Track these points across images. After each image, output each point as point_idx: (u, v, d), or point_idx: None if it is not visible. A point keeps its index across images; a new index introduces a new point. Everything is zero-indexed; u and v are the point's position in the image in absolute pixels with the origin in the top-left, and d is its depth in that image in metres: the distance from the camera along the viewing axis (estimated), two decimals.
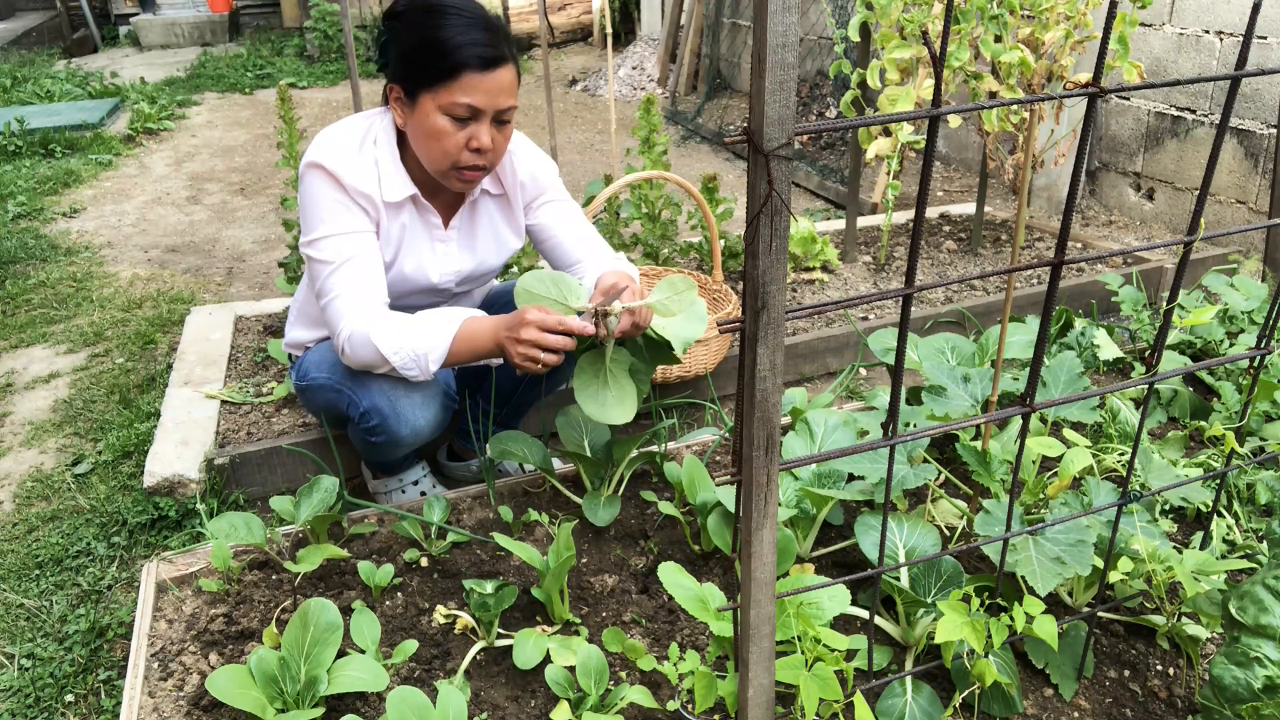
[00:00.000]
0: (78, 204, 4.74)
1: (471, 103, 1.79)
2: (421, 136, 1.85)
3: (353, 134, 1.90)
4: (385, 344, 1.80)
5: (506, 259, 2.16)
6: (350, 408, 1.95)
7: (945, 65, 1.62)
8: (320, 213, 1.85)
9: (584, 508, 1.95)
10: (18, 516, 2.30)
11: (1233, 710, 1.28)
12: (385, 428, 1.93)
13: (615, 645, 1.60)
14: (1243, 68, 1.18)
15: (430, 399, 1.95)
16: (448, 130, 1.81)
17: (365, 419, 1.93)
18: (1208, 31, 3.73)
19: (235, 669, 1.45)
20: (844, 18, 5.40)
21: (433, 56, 1.78)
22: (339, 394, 1.97)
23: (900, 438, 1.17)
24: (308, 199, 1.87)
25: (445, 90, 1.79)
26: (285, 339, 2.22)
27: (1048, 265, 1.14)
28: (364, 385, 1.91)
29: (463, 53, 1.77)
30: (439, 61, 1.78)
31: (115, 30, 10.16)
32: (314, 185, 1.85)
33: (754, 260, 0.95)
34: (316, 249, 1.86)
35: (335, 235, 1.85)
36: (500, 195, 2.07)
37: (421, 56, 1.79)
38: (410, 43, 1.80)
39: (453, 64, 1.77)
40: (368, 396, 1.91)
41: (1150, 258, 3.40)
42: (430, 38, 1.78)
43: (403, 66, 1.83)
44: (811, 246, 3.28)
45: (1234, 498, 1.97)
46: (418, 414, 1.93)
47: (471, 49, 1.77)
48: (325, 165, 1.83)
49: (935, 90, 0.98)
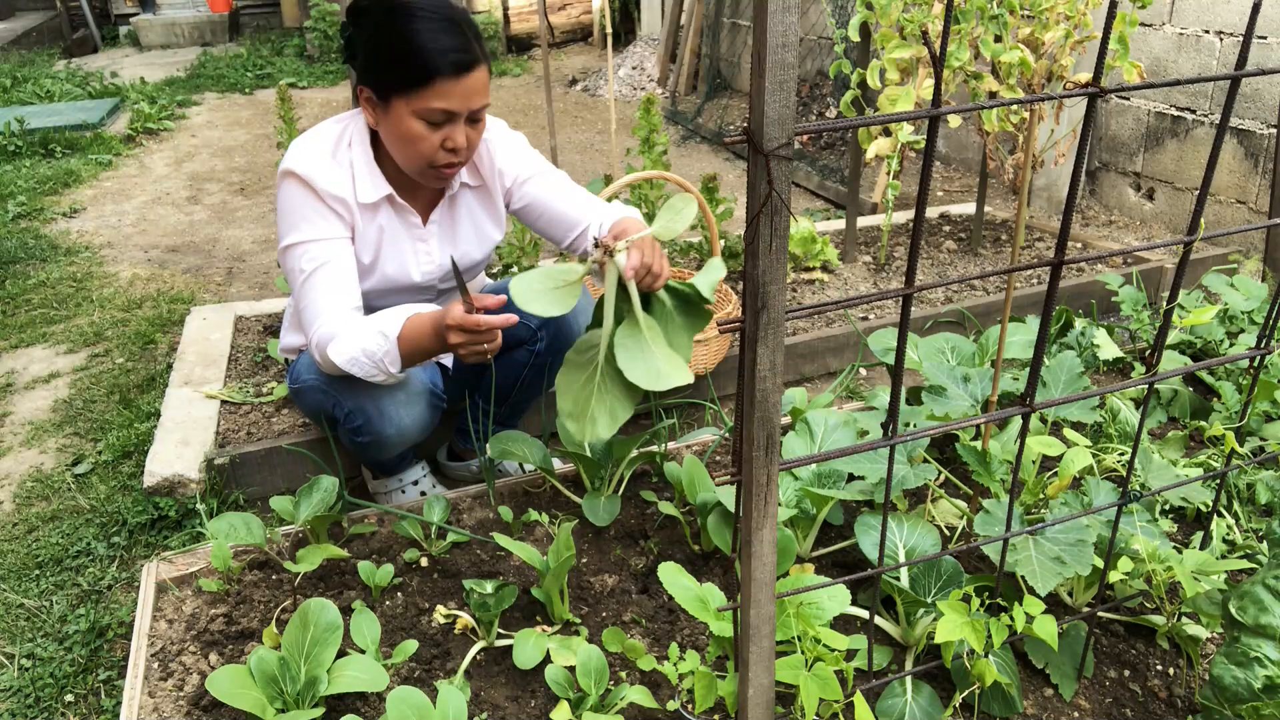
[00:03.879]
0: (78, 204, 4.74)
1: (446, 107, 1.78)
2: (396, 139, 1.83)
3: (326, 139, 1.90)
4: (340, 354, 1.79)
5: (489, 251, 2.15)
6: (336, 409, 1.97)
7: (945, 65, 1.62)
8: (294, 219, 1.86)
9: (584, 508, 1.95)
10: (18, 516, 2.30)
11: (1233, 710, 1.28)
12: (370, 428, 1.94)
13: (615, 645, 1.60)
14: (1243, 68, 1.18)
15: (414, 398, 1.95)
16: (423, 134, 1.80)
17: (350, 419, 1.95)
18: (1208, 31, 3.73)
19: (235, 669, 1.45)
20: (844, 18, 5.40)
21: (404, 63, 1.74)
22: (325, 395, 1.98)
23: (900, 438, 1.17)
24: (283, 207, 1.88)
25: (418, 96, 1.76)
26: (280, 343, 2.23)
27: (1048, 265, 1.14)
28: (349, 386, 1.92)
29: (435, 60, 1.73)
30: (411, 69, 1.74)
31: (115, 30, 10.15)
32: (288, 193, 1.86)
33: (754, 260, 0.95)
34: (289, 256, 1.87)
35: (307, 242, 1.86)
36: (479, 186, 2.07)
37: (392, 61, 1.75)
38: (379, 46, 1.77)
39: (426, 71, 1.74)
40: (352, 398, 1.92)
41: (1150, 258, 3.40)
42: (400, 44, 1.73)
43: (373, 69, 1.79)
44: (811, 246, 3.28)
45: (1234, 498, 1.97)
46: (402, 413, 1.94)
47: (444, 56, 1.74)
48: (298, 171, 1.84)
49: (935, 90, 0.98)
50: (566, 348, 1.99)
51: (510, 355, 2.18)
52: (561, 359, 1.65)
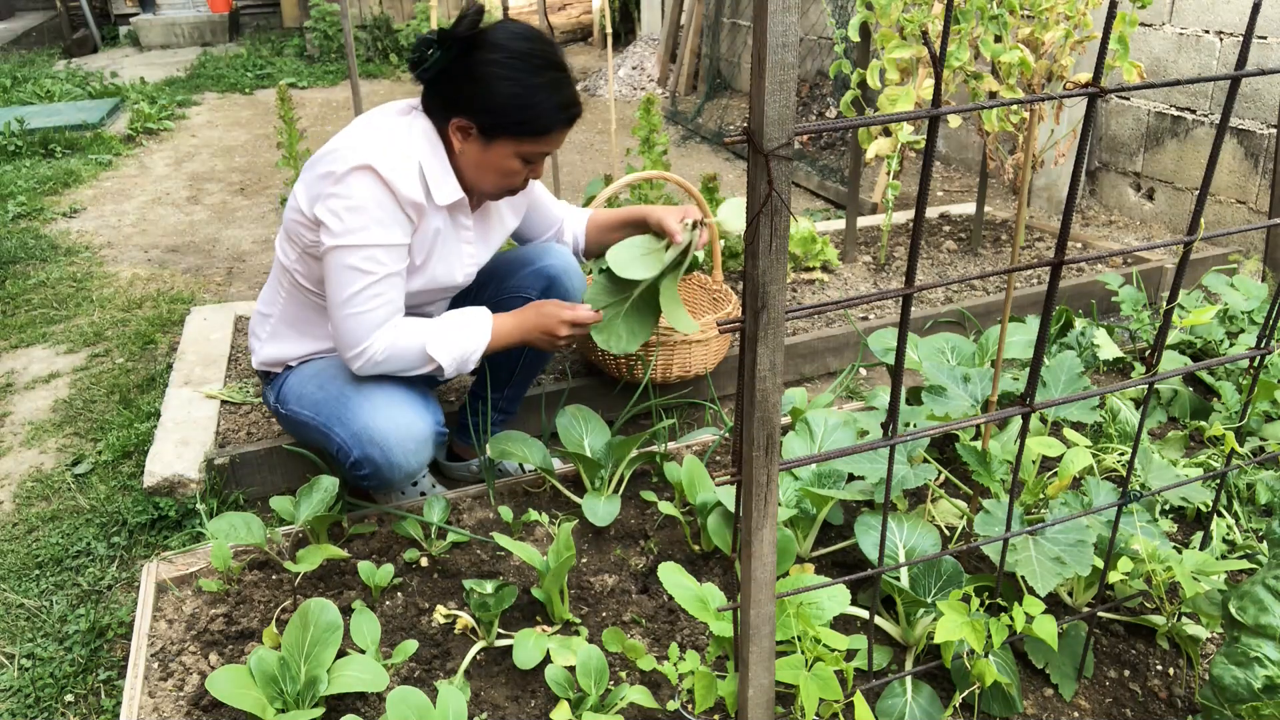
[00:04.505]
0: (78, 204, 4.74)
1: (550, 150, 1.89)
2: (487, 168, 1.87)
3: (396, 136, 1.82)
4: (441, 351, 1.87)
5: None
6: (340, 454, 1.89)
7: (945, 65, 1.62)
8: (364, 219, 1.76)
9: (584, 508, 1.95)
10: (18, 516, 2.30)
11: (1233, 710, 1.28)
12: (378, 475, 1.88)
13: (615, 645, 1.60)
14: (1243, 68, 1.18)
15: (422, 445, 1.89)
16: (518, 170, 1.88)
17: (356, 467, 1.88)
18: (1208, 31, 3.73)
19: (235, 669, 1.45)
20: (844, 18, 5.40)
21: (528, 112, 1.81)
22: (326, 437, 1.91)
23: (900, 438, 1.17)
24: (353, 201, 1.75)
25: (531, 142, 1.84)
26: (261, 355, 2.05)
27: (1048, 265, 1.14)
28: (355, 435, 1.85)
29: (559, 115, 1.83)
30: (535, 120, 1.82)
31: (115, 30, 10.15)
32: (363, 188, 1.75)
33: (754, 260, 0.95)
34: (349, 254, 1.77)
35: (380, 246, 1.79)
36: None
37: (514, 109, 1.80)
38: (499, 92, 1.79)
39: (548, 125, 1.83)
40: (358, 446, 1.85)
41: (1150, 258, 3.40)
42: (526, 96, 1.79)
43: (484, 110, 1.81)
44: (811, 246, 3.28)
45: (1234, 498, 1.97)
46: (411, 460, 1.88)
47: (566, 110, 1.84)
48: (379, 170, 1.75)
49: (935, 90, 0.98)
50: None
51: None
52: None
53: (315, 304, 1.97)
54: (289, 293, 1.99)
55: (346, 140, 1.81)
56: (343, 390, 1.90)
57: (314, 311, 1.99)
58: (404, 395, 1.90)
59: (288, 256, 1.95)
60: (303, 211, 1.85)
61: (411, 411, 1.88)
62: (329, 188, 1.77)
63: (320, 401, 1.92)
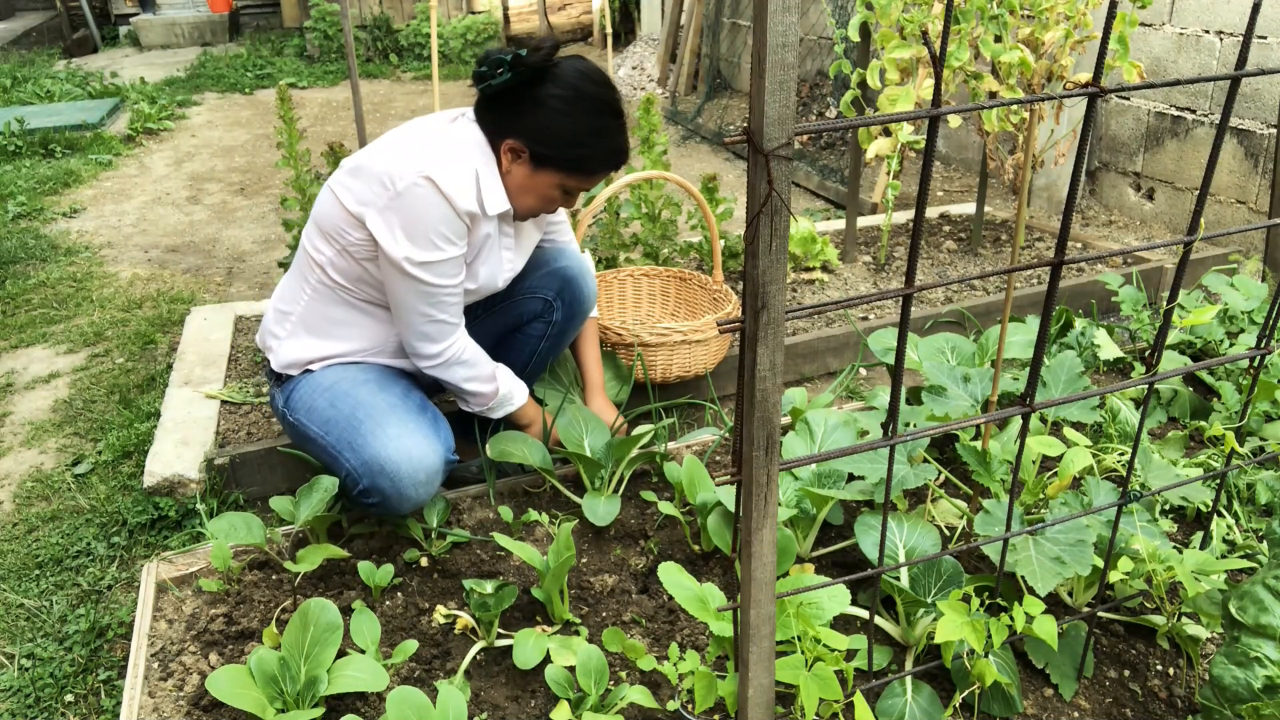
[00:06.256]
0: (78, 204, 4.74)
1: (590, 187, 1.97)
2: (529, 192, 1.93)
3: (451, 145, 1.85)
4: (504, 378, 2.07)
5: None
6: (348, 479, 1.86)
7: (945, 65, 1.62)
8: (430, 235, 1.80)
9: (584, 508, 1.95)
10: (18, 516, 2.30)
11: (1233, 710, 1.28)
12: (385, 506, 1.85)
13: (615, 645, 1.60)
14: (1243, 68, 1.18)
15: (435, 475, 1.87)
16: (558, 199, 1.96)
17: (364, 495, 1.85)
18: (1208, 31, 3.73)
19: (235, 669, 1.45)
20: (844, 18, 5.40)
21: (585, 151, 1.88)
22: (335, 460, 1.87)
23: (900, 438, 1.17)
24: (419, 214, 1.78)
25: (579, 178, 1.92)
26: (280, 356, 2.00)
27: (1048, 265, 1.14)
28: (365, 464, 1.82)
29: (613, 160, 1.92)
30: (591, 162, 1.90)
31: (115, 30, 10.16)
32: (428, 203, 1.78)
33: (754, 260, 0.95)
34: (431, 271, 1.83)
35: (451, 259, 1.85)
36: None
37: (573, 146, 1.86)
38: (562, 128, 1.84)
39: (602, 168, 1.92)
40: (368, 475, 1.81)
41: (1150, 258, 3.39)
42: (589, 138, 1.86)
43: (542, 142, 1.85)
44: (811, 246, 3.28)
45: (1234, 498, 1.97)
46: (421, 491, 1.86)
47: (619, 156, 1.93)
48: (440, 184, 1.77)
49: (935, 90, 0.98)
50: (581, 313, 2.24)
51: (526, 330, 2.22)
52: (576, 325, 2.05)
53: (345, 300, 1.95)
54: (315, 289, 1.96)
55: (402, 149, 1.83)
56: (354, 412, 1.86)
57: (341, 308, 1.96)
58: (416, 421, 1.87)
59: (320, 253, 1.91)
60: (348, 210, 1.84)
61: (425, 442, 1.84)
62: (387, 199, 1.80)
63: (330, 420, 1.88)
